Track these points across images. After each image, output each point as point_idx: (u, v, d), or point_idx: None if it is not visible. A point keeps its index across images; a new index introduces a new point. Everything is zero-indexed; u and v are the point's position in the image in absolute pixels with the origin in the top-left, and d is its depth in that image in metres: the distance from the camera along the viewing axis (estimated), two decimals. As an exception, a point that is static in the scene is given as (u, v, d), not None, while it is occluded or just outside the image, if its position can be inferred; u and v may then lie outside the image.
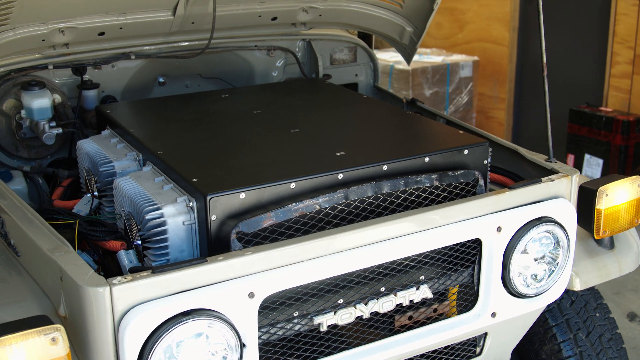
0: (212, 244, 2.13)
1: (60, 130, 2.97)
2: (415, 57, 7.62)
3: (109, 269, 2.39)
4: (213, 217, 2.11)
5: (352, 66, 3.86)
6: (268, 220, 2.14)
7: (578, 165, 6.53)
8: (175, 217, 2.16)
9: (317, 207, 2.20)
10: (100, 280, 1.89)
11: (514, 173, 2.85)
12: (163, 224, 2.15)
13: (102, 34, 3.07)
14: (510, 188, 2.44)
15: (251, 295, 2.01)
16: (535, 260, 2.51)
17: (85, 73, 3.20)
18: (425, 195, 2.39)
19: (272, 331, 2.17)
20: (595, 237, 2.71)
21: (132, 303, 1.90)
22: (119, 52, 3.25)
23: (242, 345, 2.04)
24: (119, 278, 1.89)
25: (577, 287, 2.70)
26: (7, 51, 2.91)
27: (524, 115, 7.67)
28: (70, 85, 3.22)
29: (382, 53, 7.86)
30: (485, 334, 2.60)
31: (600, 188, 2.65)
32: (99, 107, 2.99)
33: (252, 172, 2.28)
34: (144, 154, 2.53)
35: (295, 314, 2.21)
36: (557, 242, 2.52)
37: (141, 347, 1.90)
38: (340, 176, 2.28)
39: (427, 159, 2.42)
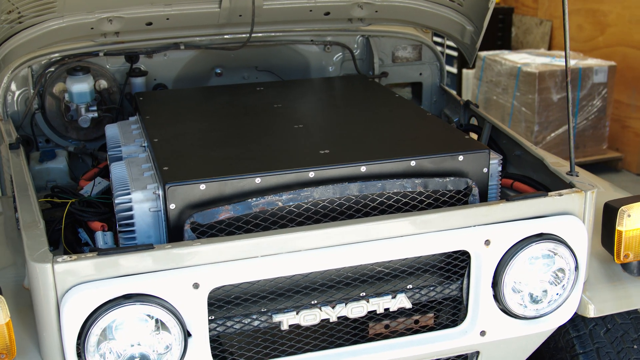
0: (172, 232, 2.15)
1: (95, 114, 3.11)
2: (546, 60, 7.32)
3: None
4: (172, 206, 2.13)
5: (416, 65, 3.73)
6: (225, 213, 2.13)
7: None
8: (142, 203, 2.20)
9: (280, 204, 2.16)
10: (47, 257, 1.98)
11: (542, 184, 2.66)
12: (130, 209, 2.20)
13: (149, 24, 3.18)
14: (507, 200, 2.28)
15: (196, 285, 2.02)
16: (536, 280, 2.33)
17: (137, 61, 3.33)
18: (407, 200, 2.28)
19: (229, 324, 2.17)
20: (616, 260, 2.47)
21: (74, 282, 1.97)
22: (170, 42, 3.35)
23: (187, 335, 2.05)
24: (64, 257, 1.97)
25: (591, 314, 2.47)
26: (57, 38, 3.10)
27: (664, 127, 7.09)
28: (123, 72, 3.36)
29: (513, 54, 7.54)
30: (477, 352, 2.45)
31: (621, 207, 2.40)
32: (135, 93, 3.11)
33: (222, 165, 2.27)
34: (147, 141, 2.60)
35: (263, 310, 2.19)
36: (563, 263, 2.32)
37: (81, 325, 1.97)
38: (312, 174, 2.22)
39: (413, 163, 2.30)
